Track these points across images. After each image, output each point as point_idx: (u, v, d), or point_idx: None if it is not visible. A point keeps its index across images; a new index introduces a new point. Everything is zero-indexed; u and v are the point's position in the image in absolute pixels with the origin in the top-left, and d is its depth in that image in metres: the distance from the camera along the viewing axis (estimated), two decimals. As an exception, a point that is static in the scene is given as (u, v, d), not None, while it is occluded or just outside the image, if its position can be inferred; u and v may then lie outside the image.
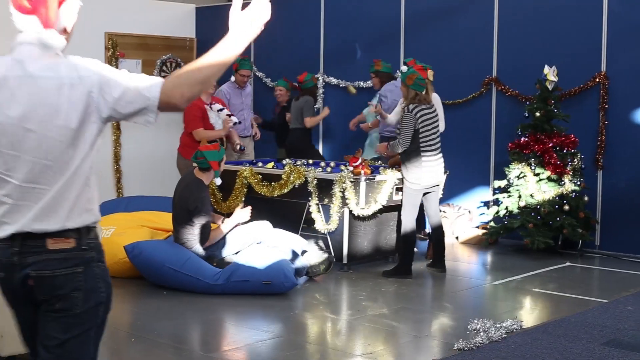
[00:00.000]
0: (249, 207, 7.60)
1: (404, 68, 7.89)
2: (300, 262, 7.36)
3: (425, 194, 7.80)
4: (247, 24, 2.81)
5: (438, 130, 7.77)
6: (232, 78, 10.03)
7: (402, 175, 7.81)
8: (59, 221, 2.79)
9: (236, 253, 7.34)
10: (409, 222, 7.74)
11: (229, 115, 8.95)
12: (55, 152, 2.75)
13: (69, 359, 2.89)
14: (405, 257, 7.80)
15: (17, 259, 2.80)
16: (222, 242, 7.37)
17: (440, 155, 7.79)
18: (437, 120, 7.77)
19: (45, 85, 2.78)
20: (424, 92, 7.64)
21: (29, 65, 2.83)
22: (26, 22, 2.92)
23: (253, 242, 7.48)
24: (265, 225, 7.64)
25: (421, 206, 7.96)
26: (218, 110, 8.91)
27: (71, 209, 2.80)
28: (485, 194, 9.89)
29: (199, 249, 7.15)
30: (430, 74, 7.76)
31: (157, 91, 2.72)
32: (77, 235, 2.83)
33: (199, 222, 7.12)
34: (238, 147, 9.21)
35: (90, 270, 2.89)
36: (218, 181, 7.38)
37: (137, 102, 2.75)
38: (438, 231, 7.99)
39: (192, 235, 7.14)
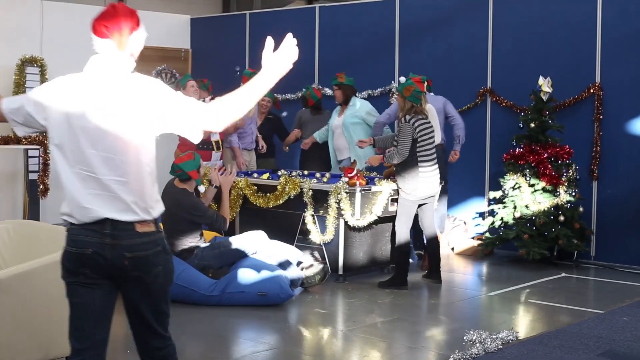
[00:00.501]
0: (234, 171, 7.90)
1: (402, 79, 7.89)
2: (295, 273, 7.35)
3: (420, 205, 7.81)
4: (278, 63, 3.37)
5: (433, 141, 7.78)
6: None
7: (397, 186, 7.81)
8: (141, 209, 3.42)
9: (232, 264, 7.34)
10: (403, 233, 7.74)
11: None
12: (133, 151, 3.40)
13: (160, 315, 3.63)
14: (401, 268, 7.80)
15: (108, 240, 3.37)
16: (217, 253, 7.36)
17: (436, 166, 7.80)
18: (433, 131, 7.78)
19: (117, 98, 3.40)
20: (419, 105, 7.66)
21: (106, 82, 3.44)
22: (103, 45, 3.52)
23: (248, 253, 7.47)
24: (260, 235, 7.63)
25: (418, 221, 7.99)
26: None
27: (150, 197, 3.47)
28: (481, 204, 9.89)
29: (202, 243, 7.39)
30: (424, 85, 7.79)
31: (200, 125, 3.39)
32: (154, 220, 3.48)
33: (208, 220, 7.31)
34: (244, 165, 9.31)
35: (165, 248, 3.53)
36: (202, 188, 7.43)
37: (183, 126, 3.41)
38: (433, 242, 7.98)
39: (196, 237, 7.34)
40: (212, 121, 3.37)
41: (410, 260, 8.06)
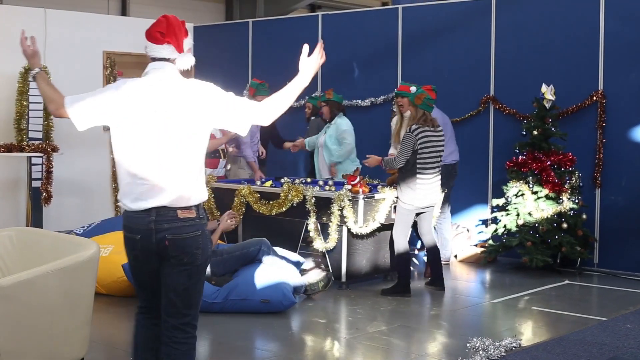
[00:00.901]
0: (235, 216, 7.70)
1: (412, 88, 7.86)
2: (298, 281, 7.34)
3: (418, 213, 7.81)
4: (312, 65, 4.09)
5: (439, 153, 7.74)
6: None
7: (397, 194, 7.81)
8: (186, 199, 3.94)
9: (234, 271, 7.34)
10: (401, 241, 7.73)
11: None
12: (183, 149, 3.92)
13: (191, 297, 4.05)
14: (403, 276, 7.79)
15: (153, 225, 3.92)
16: (220, 260, 7.36)
17: (438, 177, 7.78)
18: (441, 143, 7.73)
19: (176, 101, 3.92)
20: (426, 112, 7.66)
21: (164, 86, 3.96)
22: (160, 49, 4.05)
23: (251, 260, 7.47)
24: (263, 243, 7.63)
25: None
26: None
27: (194, 189, 3.97)
28: (484, 212, 9.89)
29: None
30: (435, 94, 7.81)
31: (253, 118, 4.00)
32: (196, 208, 3.98)
33: None
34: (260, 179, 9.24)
35: (204, 233, 4.03)
36: None
37: (239, 123, 4.00)
38: (433, 250, 7.98)
39: None
40: (262, 116, 3.99)
41: (412, 268, 8.05)
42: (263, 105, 4.01)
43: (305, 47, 4.05)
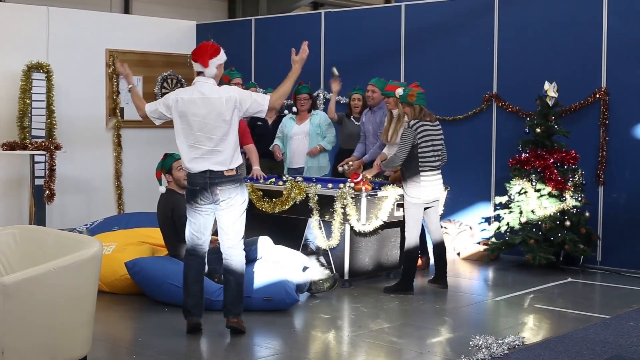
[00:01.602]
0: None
1: (399, 91, 7.86)
2: (301, 278, 7.35)
3: (425, 208, 7.80)
4: (300, 61, 6.26)
5: (439, 147, 7.77)
6: None
7: (403, 190, 7.81)
8: (228, 163, 6.09)
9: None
10: (413, 238, 7.74)
11: None
12: (222, 132, 6.05)
13: (239, 230, 6.19)
14: (407, 274, 7.79)
15: (209, 180, 6.06)
16: (219, 257, 7.37)
17: (439, 172, 7.80)
18: (440, 137, 7.77)
19: (214, 101, 6.07)
20: (423, 106, 7.69)
21: (205, 91, 6.10)
22: (202, 69, 6.13)
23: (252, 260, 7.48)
24: (265, 240, 7.63)
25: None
26: None
27: (232, 157, 6.10)
28: (487, 210, 9.89)
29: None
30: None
31: (267, 103, 6.14)
32: (236, 168, 6.14)
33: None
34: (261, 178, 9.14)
35: (242, 184, 6.20)
36: (162, 189, 7.41)
37: (258, 108, 6.17)
38: (440, 247, 7.98)
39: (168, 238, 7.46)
40: (272, 103, 6.13)
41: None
42: (272, 95, 6.17)
43: (294, 50, 6.27)
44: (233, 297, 6.21)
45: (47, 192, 10.41)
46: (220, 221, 6.15)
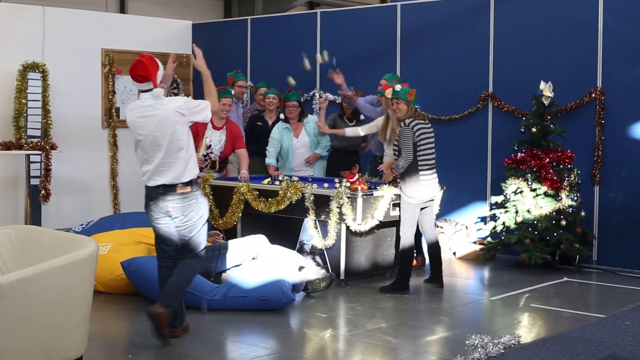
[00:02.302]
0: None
1: (397, 87, 7.85)
2: (297, 278, 7.35)
3: (421, 209, 7.81)
4: (201, 63, 6.49)
5: (433, 146, 7.78)
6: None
7: (400, 190, 7.81)
8: (180, 177, 5.99)
9: (234, 267, 7.35)
10: (407, 238, 7.75)
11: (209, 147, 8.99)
12: (171, 145, 5.95)
13: (200, 241, 6.17)
14: (403, 273, 7.80)
15: (161, 196, 6.00)
16: (217, 255, 7.38)
17: (435, 170, 7.81)
18: (432, 136, 7.79)
19: (160, 114, 5.96)
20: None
21: (153, 106, 5.98)
22: (143, 85, 6.01)
23: (248, 257, 7.49)
24: (261, 239, 7.63)
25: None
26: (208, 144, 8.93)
27: (185, 170, 6.01)
28: (483, 209, 9.89)
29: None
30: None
31: (209, 109, 6.15)
32: (190, 184, 6.04)
33: None
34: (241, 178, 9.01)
35: (198, 199, 6.10)
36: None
37: (202, 114, 6.14)
38: (434, 247, 7.99)
39: None
40: (213, 108, 6.18)
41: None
42: (207, 100, 6.21)
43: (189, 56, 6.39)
44: (170, 289, 6.01)
45: (43, 192, 10.40)
46: (178, 234, 6.12)
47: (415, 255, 8.46)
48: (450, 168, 9.25)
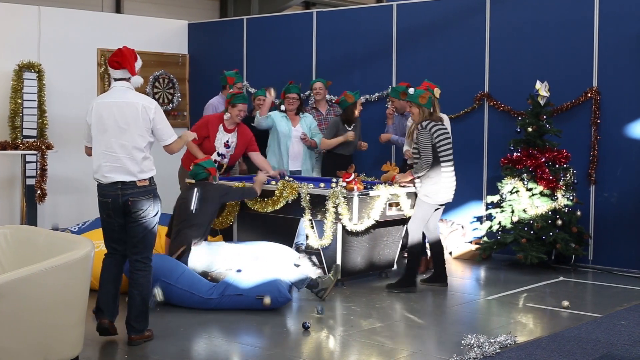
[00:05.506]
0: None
1: (411, 90, 7.87)
2: (295, 276, 7.34)
3: (434, 209, 7.85)
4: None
5: (451, 147, 7.81)
6: (221, 92, 10.04)
7: (416, 188, 7.84)
8: (139, 174, 5.86)
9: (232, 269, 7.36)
10: (416, 235, 7.79)
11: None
12: (135, 139, 5.84)
13: (147, 243, 5.98)
14: (411, 270, 7.83)
15: (120, 192, 5.85)
16: (217, 256, 7.38)
17: (454, 172, 7.85)
18: (449, 137, 7.81)
19: (129, 106, 5.87)
20: (431, 109, 7.70)
21: (124, 96, 5.92)
22: (119, 72, 5.95)
23: (250, 258, 7.49)
24: (263, 244, 7.68)
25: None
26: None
27: (145, 166, 5.89)
28: (478, 209, 9.90)
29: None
30: (437, 92, 7.83)
31: (170, 141, 6.05)
32: (149, 179, 5.92)
33: (238, 193, 8.12)
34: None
35: (156, 195, 5.98)
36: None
37: (162, 137, 6.00)
38: (438, 246, 8.03)
39: (203, 228, 7.62)
40: (173, 147, 6.16)
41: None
42: (179, 140, 6.10)
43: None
44: (137, 313, 5.94)
45: (39, 191, 10.38)
46: (130, 234, 5.93)
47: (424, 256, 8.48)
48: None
